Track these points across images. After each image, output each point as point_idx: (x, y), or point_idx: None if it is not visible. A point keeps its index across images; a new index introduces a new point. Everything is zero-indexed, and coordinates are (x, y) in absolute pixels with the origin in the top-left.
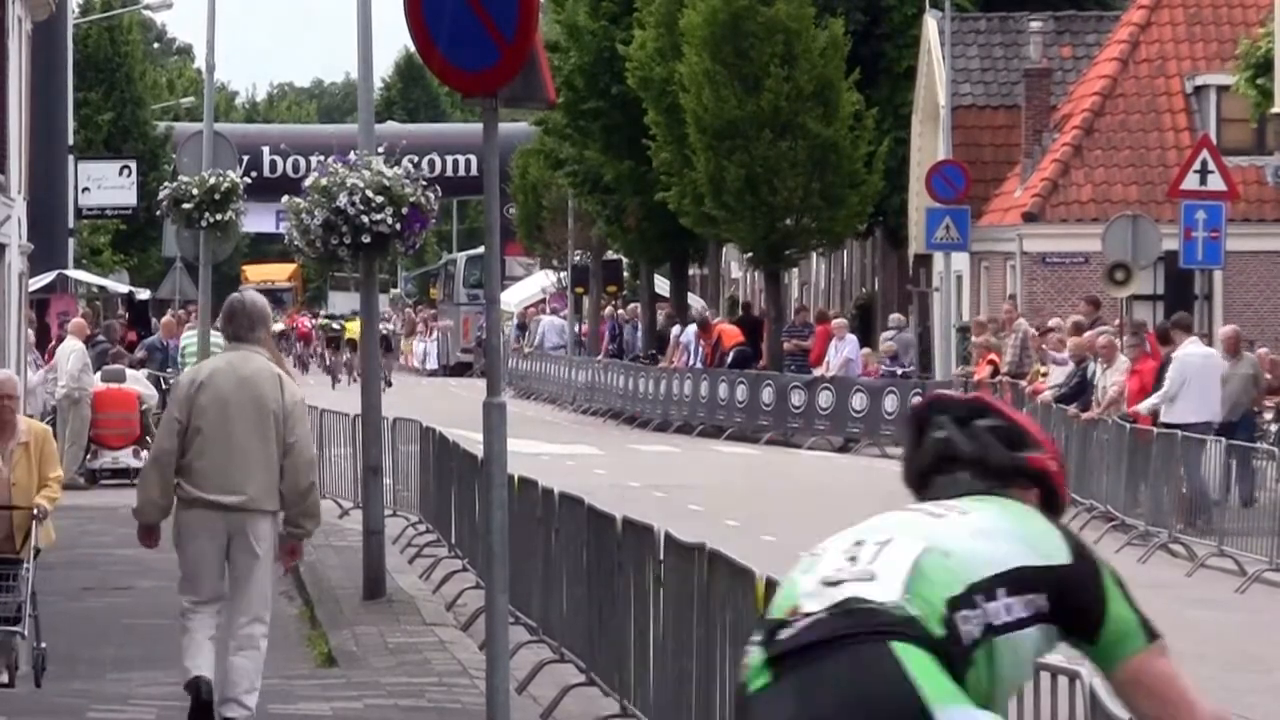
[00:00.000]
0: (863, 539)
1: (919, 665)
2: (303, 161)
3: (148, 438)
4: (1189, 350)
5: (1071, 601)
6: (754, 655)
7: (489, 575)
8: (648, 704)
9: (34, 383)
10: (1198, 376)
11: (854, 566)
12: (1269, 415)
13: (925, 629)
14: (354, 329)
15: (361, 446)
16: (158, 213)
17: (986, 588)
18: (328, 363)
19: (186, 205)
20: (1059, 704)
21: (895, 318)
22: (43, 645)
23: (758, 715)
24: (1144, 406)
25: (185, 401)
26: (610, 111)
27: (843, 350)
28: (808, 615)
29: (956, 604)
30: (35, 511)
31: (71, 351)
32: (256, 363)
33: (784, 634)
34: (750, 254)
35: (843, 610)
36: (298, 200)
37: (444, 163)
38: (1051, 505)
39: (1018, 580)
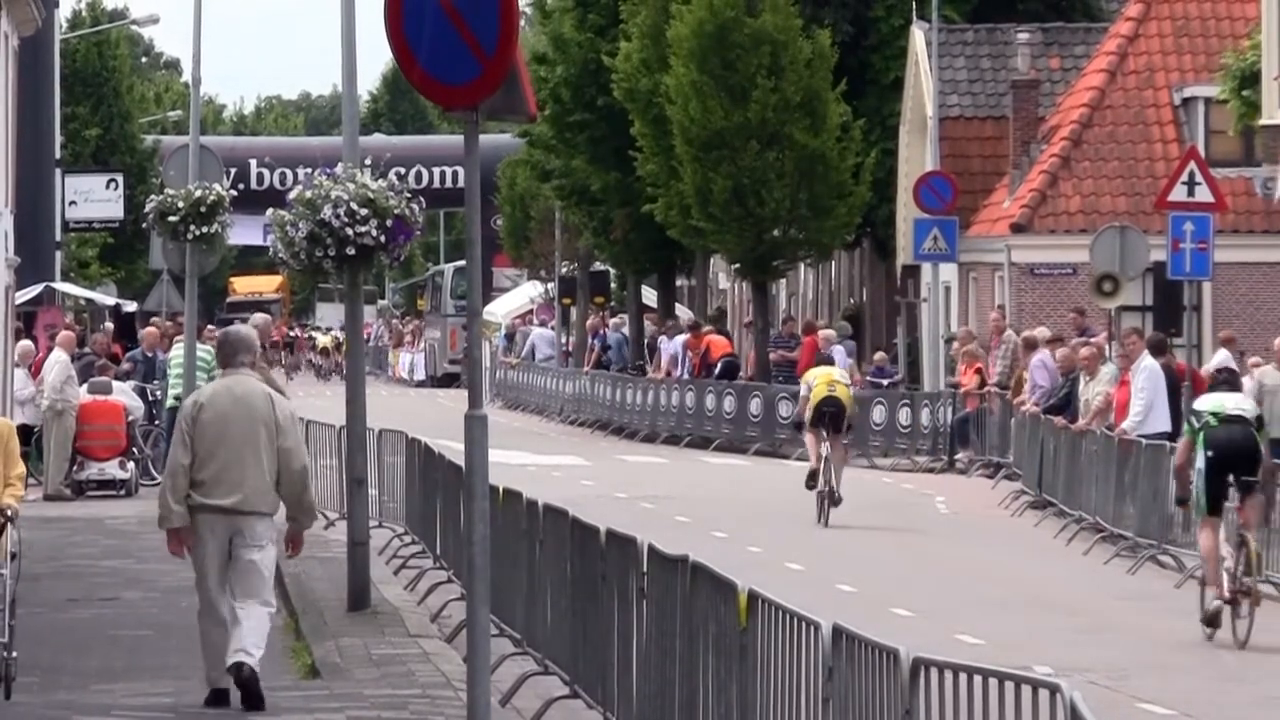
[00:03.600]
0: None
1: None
2: (290, 174)
3: (134, 449)
4: (1149, 362)
5: None
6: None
7: (470, 588)
8: (631, 716)
9: (25, 396)
10: (1162, 386)
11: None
12: None
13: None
14: (322, 340)
15: (347, 458)
16: (144, 225)
17: None
18: (283, 363)
19: (172, 218)
20: (1040, 718)
21: (841, 325)
22: (13, 655)
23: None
24: (1129, 426)
25: (190, 421)
26: (596, 123)
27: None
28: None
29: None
30: (8, 512)
31: (55, 363)
32: (249, 384)
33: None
34: (738, 265)
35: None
36: (282, 213)
37: (430, 174)
38: None
39: None
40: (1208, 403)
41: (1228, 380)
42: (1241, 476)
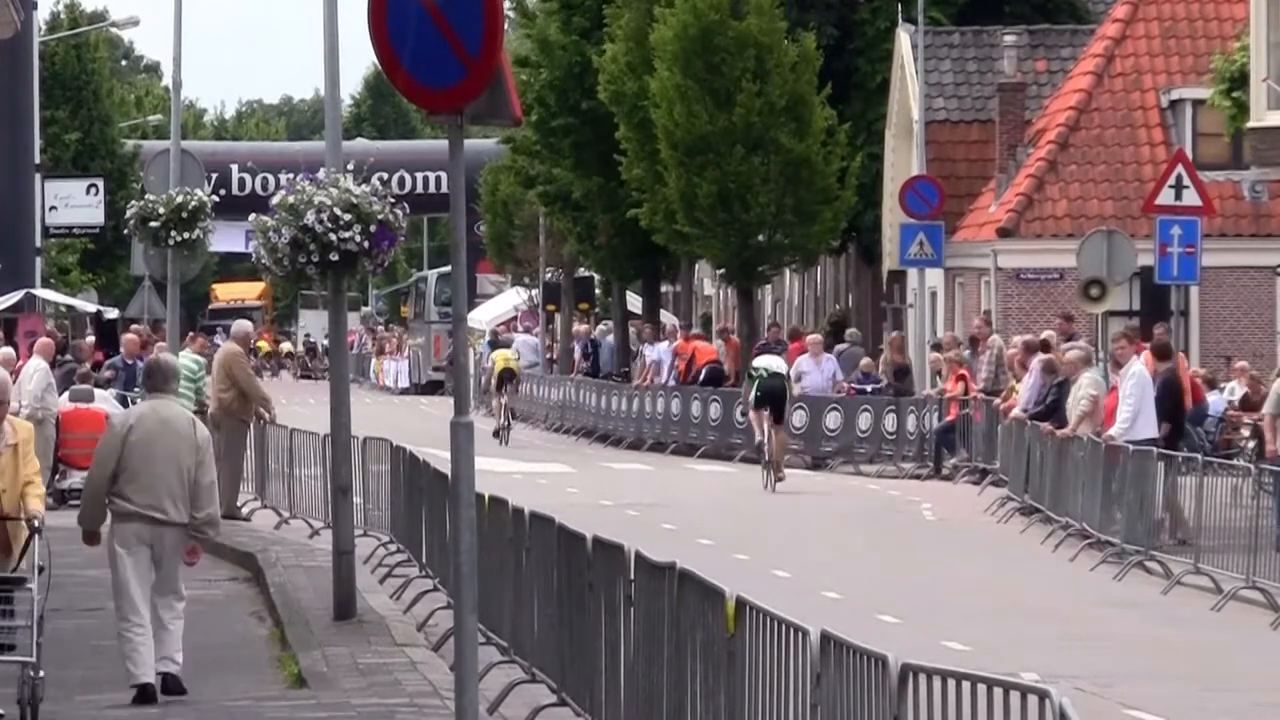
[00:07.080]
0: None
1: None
2: (271, 179)
3: None
4: (1138, 368)
5: None
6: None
7: (458, 596)
8: None
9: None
10: (1149, 392)
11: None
12: (1245, 432)
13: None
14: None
15: (331, 466)
16: (125, 231)
17: None
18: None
19: (154, 224)
20: None
21: (851, 332)
22: (40, 675)
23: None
24: (1116, 432)
25: (119, 441)
26: (580, 128)
27: (829, 369)
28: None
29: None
30: (35, 522)
31: (35, 371)
32: (173, 409)
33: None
34: (723, 270)
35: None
36: (265, 219)
37: (413, 180)
38: None
39: None
40: (761, 362)
41: (772, 350)
42: (773, 409)
